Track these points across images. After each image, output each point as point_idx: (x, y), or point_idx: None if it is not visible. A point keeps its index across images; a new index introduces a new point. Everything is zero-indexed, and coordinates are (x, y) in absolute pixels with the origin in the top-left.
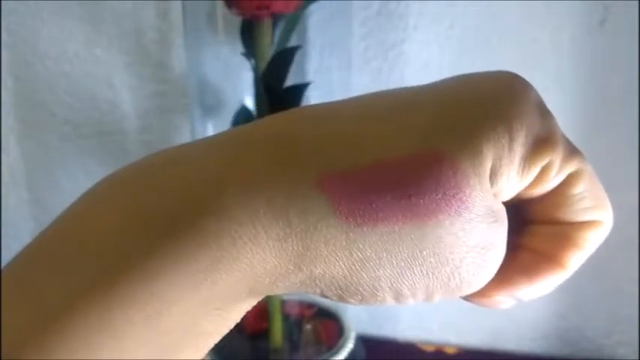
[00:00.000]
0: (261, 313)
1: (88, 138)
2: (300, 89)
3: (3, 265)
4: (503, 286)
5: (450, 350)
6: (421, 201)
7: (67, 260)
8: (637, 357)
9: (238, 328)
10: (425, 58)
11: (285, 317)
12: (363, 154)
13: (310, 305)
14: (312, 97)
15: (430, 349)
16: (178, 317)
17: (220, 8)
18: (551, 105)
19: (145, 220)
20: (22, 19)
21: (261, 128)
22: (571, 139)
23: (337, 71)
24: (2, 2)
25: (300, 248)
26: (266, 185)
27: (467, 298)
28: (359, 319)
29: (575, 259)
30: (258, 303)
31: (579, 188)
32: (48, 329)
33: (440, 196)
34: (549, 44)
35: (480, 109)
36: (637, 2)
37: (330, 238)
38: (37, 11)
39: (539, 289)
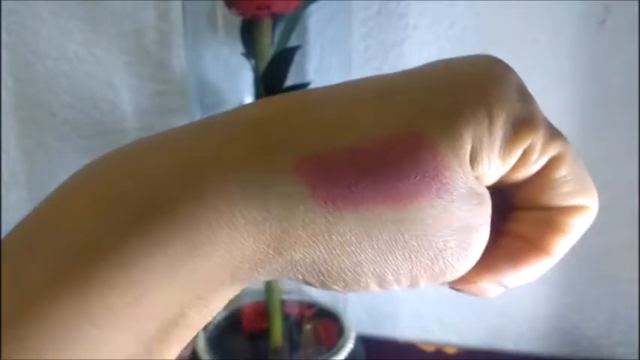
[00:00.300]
0: (261, 313)
1: (88, 138)
2: (300, 89)
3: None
4: (488, 272)
5: (450, 350)
6: (400, 184)
7: (44, 247)
8: (637, 357)
9: (238, 328)
10: (425, 58)
11: (285, 317)
12: (340, 137)
13: (310, 305)
14: None
15: (430, 349)
16: (159, 304)
17: (220, 8)
18: (551, 105)
19: (121, 206)
20: (22, 19)
21: (241, 114)
22: (571, 139)
23: (337, 71)
24: (2, 2)
25: (279, 232)
26: (243, 169)
27: (453, 285)
28: (359, 319)
29: (561, 245)
30: (258, 303)
31: (562, 172)
32: (27, 316)
33: (419, 178)
34: (549, 44)
35: (460, 93)
36: (637, 2)
37: (308, 222)
38: (37, 11)
39: (525, 275)
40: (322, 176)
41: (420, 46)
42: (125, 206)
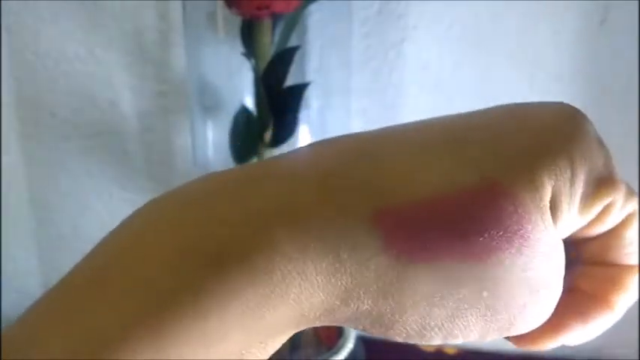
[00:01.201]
0: None
1: (88, 138)
2: (300, 89)
3: (3, 265)
4: (556, 328)
5: (451, 351)
6: (480, 239)
7: (117, 290)
8: (637, 357)
9: None
10: (425, 58)
11: None
12: (417, 189)
13: None
14: (312, 96)
15: (430, 349)
16: (224, 352)
17: (220, 8)
18: None
19: (194, 256)
20: (22, 19)
21: (304, 161)
22: None
23: (337, 71)
24: (2, 2)
25: (349, 284)
26: (316, 221)
27: (514, 341)
28: None
29: (624, 301)
30: None
31: (634, 230)
32: (99, 356)
33: (501, 232)
34: (549, 44)
35: (539, 141)
36: (637, 2)
37: (380, 275)
38: (37, 11)
39: (592, 331)
40: (399, 229)
41: (420, 46)
42: (198, 256)
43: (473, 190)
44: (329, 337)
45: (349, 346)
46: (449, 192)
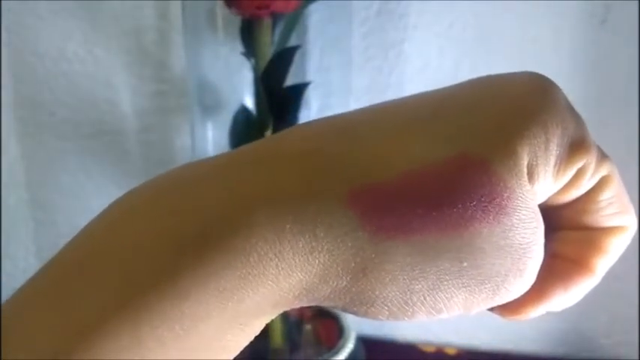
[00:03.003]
0: None
1: (88, 138)
2: (300, 89)
3: (3, 265)
4: (538, 296)
5: (451, 351)
6: (454, 210)
7: (98, 275)
8: (637, 357)
9: None
10: (425, 58)
11: (285, 317)
12: (390, 166)
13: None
14: (312, 96)
15: (430, 349)
16: (204, 334)
17: (220, 8)
18: None
19: (174, 239)
20: (21, 19)
21: (284, 144)
22: None
23: (337, 71)
24: (2, 2)
25: (327, 261)
26: (292, 202)
27: (498, 311)
28: (359, 320)
29: (603, 264)
30: None
31: (609, 193)
32: (79, 343)
33: (475, 203)
34: (549, 44)
35: (509, 109)
36: (637, 2)
37: (358, 251)
38: (36, 11)
39: (573, 296)
40: (373, 205)
41: (420, 45)
42: (178, 239)
43: (444, 163)
44: (329, 337)
45: (349, 346)
46: (421, 167)
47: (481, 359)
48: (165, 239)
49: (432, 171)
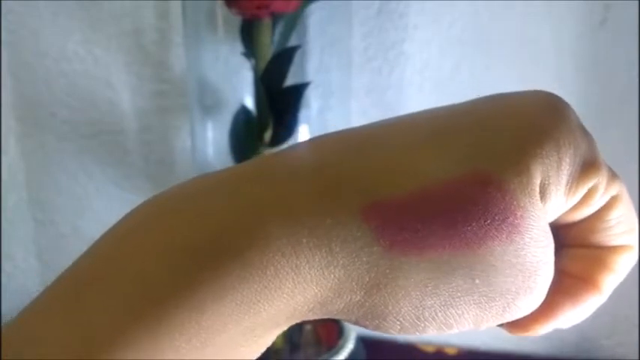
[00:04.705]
0: None
1: (88, 138)
2: (300, 89)
3: (2, 265)
4: (547, 312)
5: (451, 351)
6: (469, 228)
7: (115, 286)
8: (637, 357)
9: None
10: (425, 58)
11: None
12: (405, 182)
13: None
14: (312, 96)
15: (430, 349)
16: (220, 346)
17: (220, 8)
18: None
19: (189, 251)
20: (21, 19)
21: (298, 158)
22: None
23: (337, 71)
24: (2, 2)
25: (342, 276)
26: (308, 216)
27: (507, 328)
28: None
29: (610, 282)
30: None
31: (618, 212)
32: (99, 354)
33: (489, 221)
34: (550, 44)
35: (523, 128)
36: (637, 2)
37: (372, 266)
38: (36, 11)
39: (581, 313)
40: (388, 220)
41: (420, 45)
42: (193, 250)
43: (459, 181)
44: (329, 337)
45: (349, 346)
46: (436, 183)
47: (481, 359)
48: (182, 251)
49: (447, 187)
